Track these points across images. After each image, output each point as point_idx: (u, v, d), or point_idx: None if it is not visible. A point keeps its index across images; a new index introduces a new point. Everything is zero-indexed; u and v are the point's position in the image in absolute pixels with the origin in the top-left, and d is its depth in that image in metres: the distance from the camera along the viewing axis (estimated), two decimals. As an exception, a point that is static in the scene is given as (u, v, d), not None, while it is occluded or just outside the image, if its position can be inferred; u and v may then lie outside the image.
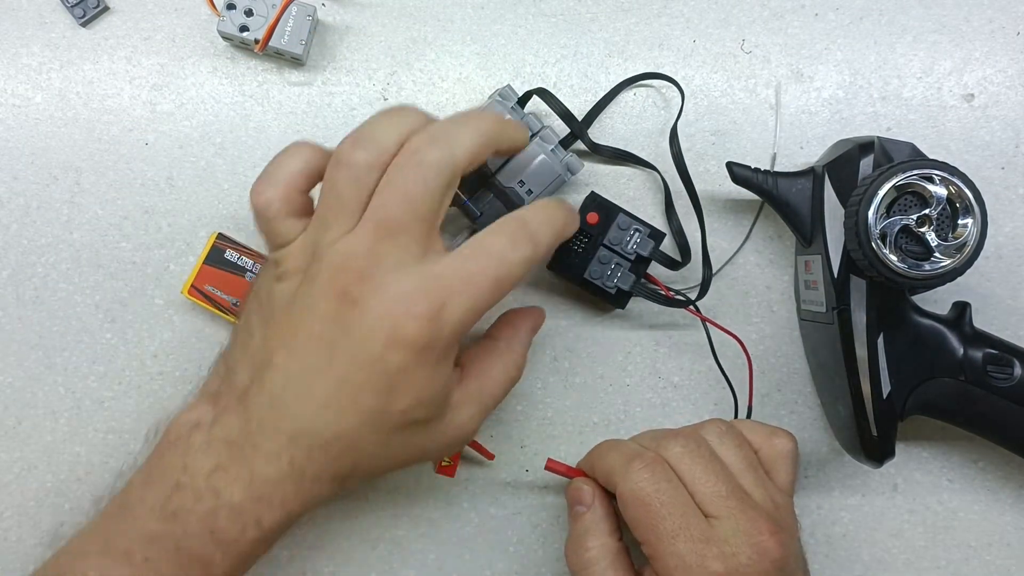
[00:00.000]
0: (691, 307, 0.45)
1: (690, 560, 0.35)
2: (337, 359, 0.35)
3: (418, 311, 0.34)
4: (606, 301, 0.45)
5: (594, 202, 0.44)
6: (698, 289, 0.45)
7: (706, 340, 0.45)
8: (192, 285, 0.44)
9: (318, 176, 0.37)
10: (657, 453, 0.39)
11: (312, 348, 0.35)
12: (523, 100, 0.45)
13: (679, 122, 0.47)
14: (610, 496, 0.40)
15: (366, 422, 0.35)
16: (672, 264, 0.46)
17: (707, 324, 0.45)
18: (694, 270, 0.46)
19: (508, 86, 0.45)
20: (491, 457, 0.46)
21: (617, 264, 0.44)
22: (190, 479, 0.35)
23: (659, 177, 0.47)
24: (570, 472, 0.42)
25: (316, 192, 0.37)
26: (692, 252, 0.46)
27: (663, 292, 0.45)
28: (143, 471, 0.37)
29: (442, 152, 0.35)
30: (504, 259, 0.35)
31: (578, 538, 0.40)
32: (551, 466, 0.42)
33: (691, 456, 0.38)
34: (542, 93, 0.45)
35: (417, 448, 0.38)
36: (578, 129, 0.46)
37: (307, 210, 0.38)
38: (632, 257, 0.44)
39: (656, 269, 0.46)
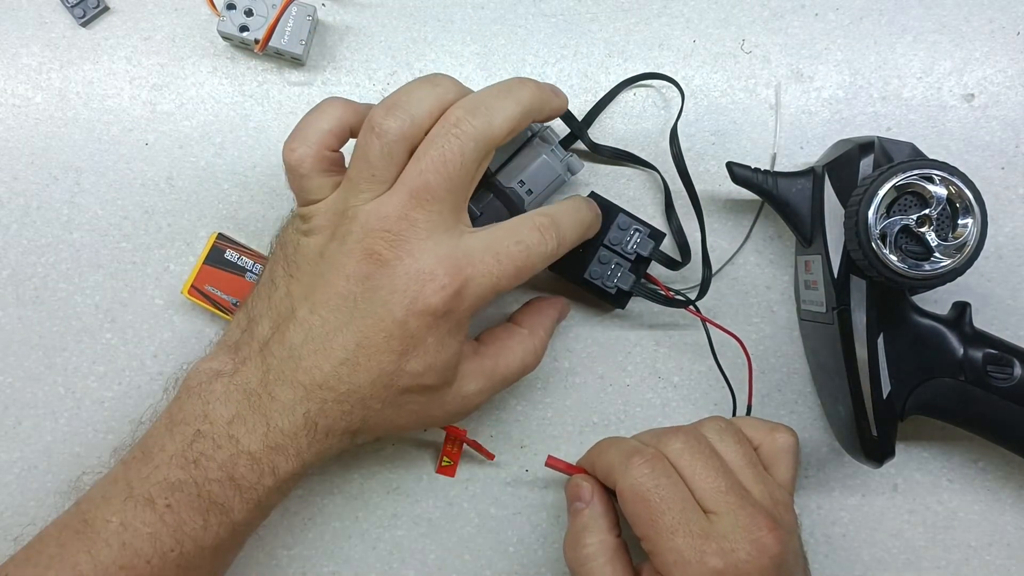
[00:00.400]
0: (691, 307, 0.45)
1: (689, 555, 0.35)
2: (358, 318, 0.36)
3: (444, 283, 0.36)
4: (606, 301, 0.45)
5: (594, 202, 0.44)
6: (698, 289, 0.45)
7: (706, 340, 0.45)
8: (192, 285, 0.44)
9: (349, 133, 0.39)
10: (657, 449, 0.39)
11: (335, 305, 0.37)
12: None
13: (679, 122, 0.47)
14: (610, 493, 0.40)
15: (379, 381, 0.37)
16: (672, 264, 0.46)
17: (707, 324, 0.45)
18: (694, 270, 0.46)
19: None
20: (491, 457, 0.46)
21: (617, 264, 0.44)
22: (210, 427, 0.36)
23: (659, 177, 0.47)
24: (570, 469, 0.42)
25: (348, 149, 0.39)
26: (692, 252, 0.46)
27: (663, 292, 0.45)
28: (163, 419, 0.38)
29: (480, 124, 0.36)
30: (531, 251, 0.38)
31: (577, 534, 0.40)
32: (551, 463, 0.42)
33: (691, 452, 0.38)
34: None
35: (424, 411, 0.39)
36: (578, 129, 0.46)
37: (338, 167, 0.39)
38: (632, 257, 0.44)
39: (656, 269, 0.46)
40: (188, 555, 0.36)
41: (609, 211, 0.44)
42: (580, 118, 0.46)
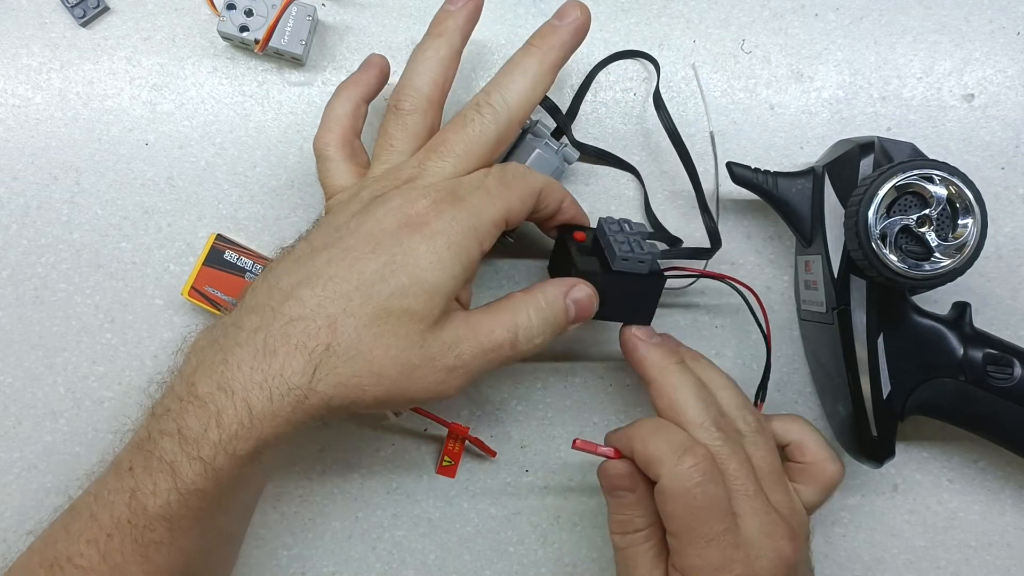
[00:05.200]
0: (709, 260, 0.44)
1: (717, 563, 0.35)
2: (347, 235, 0.36)
3: (433, 198, 0.36)
4: (647, 287, 0.41)
5: (568, 230, 0.42)
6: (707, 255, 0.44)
7: (706, 341, 0.45)
8: (192, 286, 0.44)
9: (365, 107, 0.42)
10: (707, 448, 0.37)
11: (326, 233, 0.37)
12: None
13: (660, 88, 0.46)
14: (647, 480, 0.38)
15: (355, 294, 0.34)
16: (671, 243, 0.45)
17: (727, 281, 0.43)
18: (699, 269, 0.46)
19: None
20: (493, 454, 0.46)
21: (634, 240, 0.40)
22: (177, 379, 0.35)
23: (639, 181, 0.47)
24: (603, 452, 0.39)
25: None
26: (683, 237, 0.46)
27: (685, 247, 0.44)
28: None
29: (497, 101, 0.39)
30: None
31: (626, 520, 0.38)
32: (580, 446, 0.39)
33: (729, 450, 0.37)
34: None
35: (404, 356, 0.34)
36: (563, 123, 0.46)
37: (362, 160, 0.41)
38: (641, 232, 0.41)
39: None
40: (140, 528, 0.33)
41: (585, 228, 0.42)
42: (564, 111, 0.47)
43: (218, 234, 0.44)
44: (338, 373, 0.34)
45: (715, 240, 0.44)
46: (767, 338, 0.44)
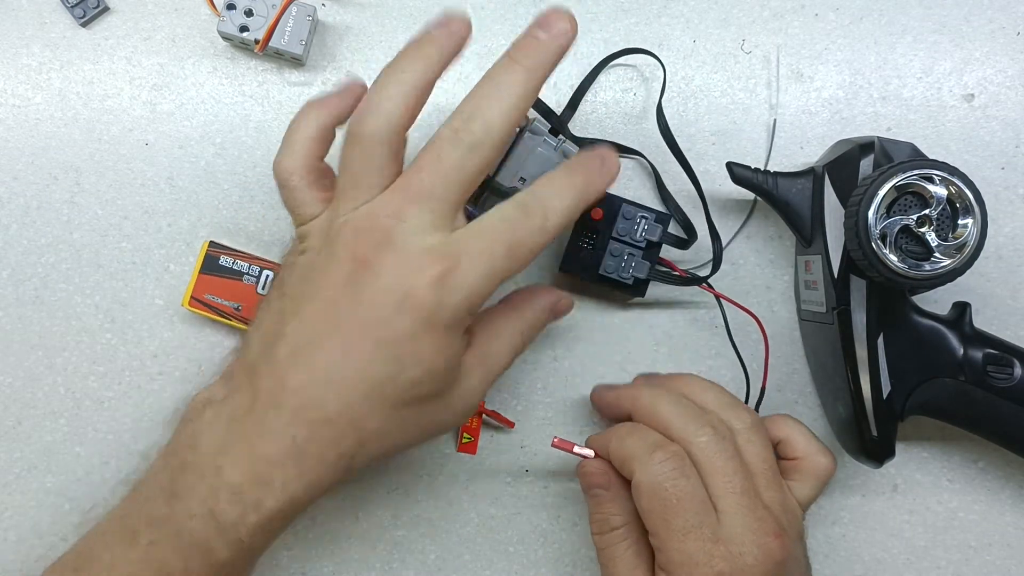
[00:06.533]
0: (705, 284, 0.45)
1: (698, 558, 0.36)
2: (344, 325, 0.34)
3: (430, 273, 0.33)
4: (625, 292, 0.45)
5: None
6: (710, 267, 0.46)
7: (706, 341, 0.45)
8: (192, 296, 0.44)
9: (332, 134, 0.38)
10: (682, 440, 0.38)
11: (321, 314, 0.34)
12: None
13: (663, 98, 0.47)
14: (623, 480, 0.40)
15: (372, 395, 0.34)
16: (681, 243, 0.46)
17: (721, 301, 0.45)
18: (703, 249, 0.46)
19: None
20: (511, 425, 0.45)
21: (629, 255, 0.44)
22: (196, 457, 0.34)
23: (646, 162, 0.47)
24: (578, 452, 0.41)
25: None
26: (696, 228, 0.46)
27: (678, 274, 0.45)
28: (161, 451, 0.36)
29: (478, 128, 0.35)
30: (516, 225, 0.35)
31: (603, 518, 0.40)
32: (558, 444, 0.41)
33: (716, 446, 0.38)
34: None
35: (430, 422, 0.36)
36: (558, 123, 0.46)
37: (330, 180, 0.38)
38: (643, 244, 0.44)
39: (667, 252, 0.46)
40: None
41: (612, 203, 0.44)
42: (560, 110, 0.47)
43: (211, 241, 0.44)
44: (371, 455, 0.35)
45: (716, 263, 0.45)
46: (765, 364, 0.46)
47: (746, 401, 0.46)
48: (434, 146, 0.35)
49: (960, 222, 0.39)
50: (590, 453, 0.41)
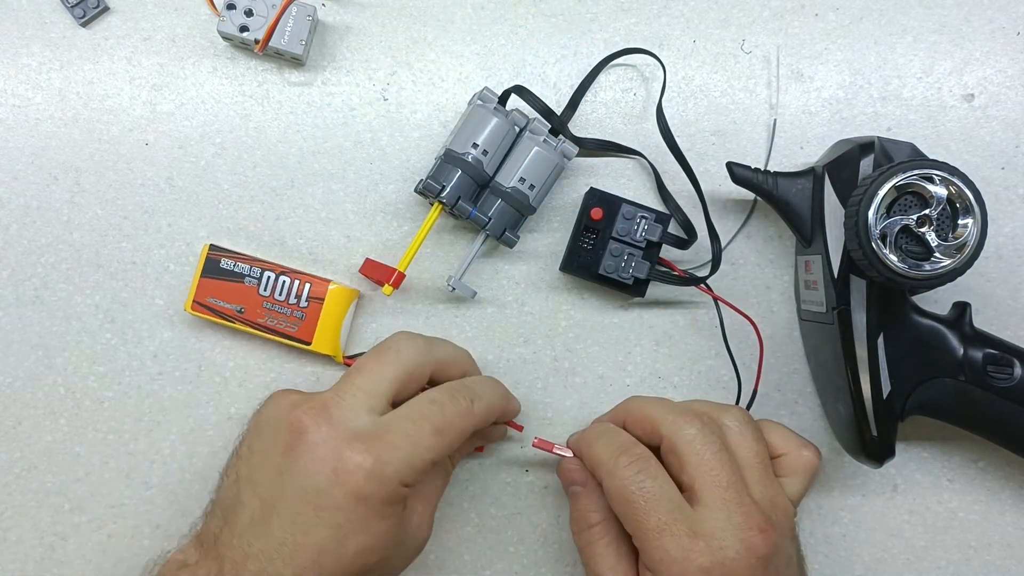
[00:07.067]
0: (703, 285, 0.45)
1: (676, 554, 0.36)
2: (289, 492, 0.36)
3: (357, 460, 0.35)
4: (624, 292, 0.46)
5: (595, 197, 0.44)
6: (709, 267, 0.46)
7: (706, 341, 0.45)
8: (194, 300, 0.44)
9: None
10: (669, 434, 0.39)
11: (269, 481, 0.36)
12: (503, 99, 0.45)
13: (663, 99, 0.47)
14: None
15: (322, 562, 0.35)
16: (681, 244, 0.46)
17: (718, 303, 0.45)
18: (702, 249, 0.46)
19: (486, 88, 0.44)
20: (520, 428, 0.46)
21: (629, 254, 0.44)
22: None
23: (646, 162, 0.47)
24: (558, 451, 0.43)
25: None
26: (696, 227, 0.46)
27: (677, 274, 0.45)
28: None
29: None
30: (445, 408, 0.38)
31: (581, 515, 0.41)
32: (539, 444, 0.43)
33: (703, 440, 0.38)
34: (520, 91, 0.45)
35: (388, 571, 0.39)
36: (558, 124, 0.46)
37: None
38: (643, 244, 0.44)
39: (667, 252, 0.46)
40: None
41: (612, 203, 0.44)
42: (560, 110, 0.47)
43: (211, 244, 0.44)
44: None
45: (715, 264, 0.45)
46: (759, 369, 0.46)
47: (737, 402, 0.46)
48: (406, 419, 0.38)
49: (960, 222, 0.39)
50: (569, 453, 0.43)
